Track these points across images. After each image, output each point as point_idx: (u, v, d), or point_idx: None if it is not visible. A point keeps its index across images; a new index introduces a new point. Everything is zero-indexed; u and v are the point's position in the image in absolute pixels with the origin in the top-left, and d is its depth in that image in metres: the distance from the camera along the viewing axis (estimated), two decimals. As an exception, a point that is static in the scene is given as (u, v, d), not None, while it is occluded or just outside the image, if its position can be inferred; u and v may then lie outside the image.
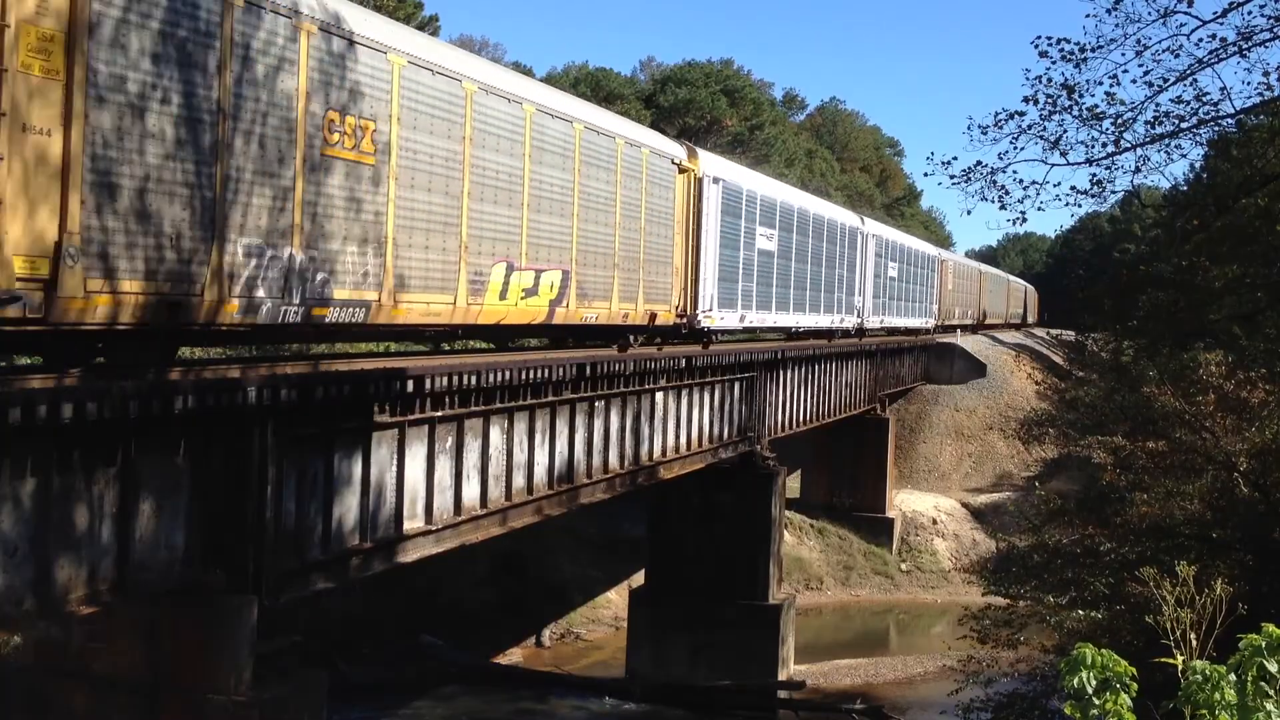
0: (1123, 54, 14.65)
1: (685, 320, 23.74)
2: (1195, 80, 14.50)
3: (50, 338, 10.53)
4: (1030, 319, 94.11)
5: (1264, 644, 4.47)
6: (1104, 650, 4.49)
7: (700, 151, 25.45)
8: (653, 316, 21.85)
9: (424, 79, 14.48)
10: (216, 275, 11.22)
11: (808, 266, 32.99)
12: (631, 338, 21.76)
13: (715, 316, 25.22)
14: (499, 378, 16.32)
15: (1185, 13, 13.99)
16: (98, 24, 9.76)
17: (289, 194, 12.10)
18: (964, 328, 64.15)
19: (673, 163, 23.11)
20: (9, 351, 12.75)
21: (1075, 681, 4.41)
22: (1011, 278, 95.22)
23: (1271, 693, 4.42)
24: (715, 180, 25.18)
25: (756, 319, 28.78)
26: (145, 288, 10.44)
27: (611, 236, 20.08)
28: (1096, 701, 4.37)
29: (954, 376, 54.81)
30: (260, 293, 11.82)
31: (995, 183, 15.53)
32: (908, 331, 50.07)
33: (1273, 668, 4.43)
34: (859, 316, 39.54)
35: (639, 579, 31.18)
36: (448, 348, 21.34)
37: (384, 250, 13.79)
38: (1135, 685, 4.42)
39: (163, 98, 10.46)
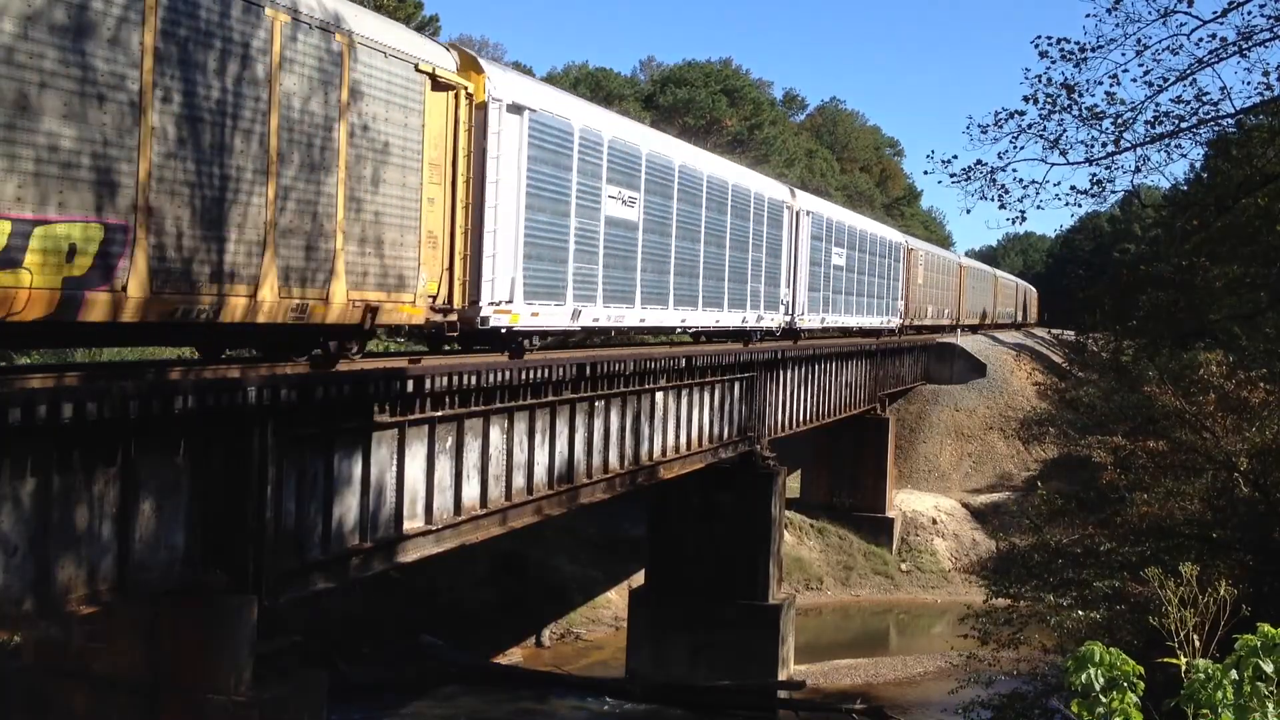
0: (1123, 54, 14.69)
1: (454, 317, 15.44)
2: (1195, 80, 14.52)
3: None
4: (1030, 319, 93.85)
5: (1260, 644, 4.46)
6: (1112, 649, 4.49)
7: (487, 64, 16.79)
8: (370, 311, 13.47)
9: None
10: None
11: (700, 247, 24.63)
12: (338, 345, 14.11)
13: (519, 312, 17.26)
14: (499, 377, 16.31)
15: (1185, 13, 14.00)
16: None
17: None
18: (939, 329, 57.18)
19: (418, 70, 14.35)
20: None
21: (1083, 678, 4.40)
22: (1001, 274, 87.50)
23: (1268, 693, 4.42)
24: (516, 109, 16.82)
25: (606, 316, 20.35)
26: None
27: (262, 171, 11.71)
28: (1104, 700, 4.36)
29: (954, 376, 54.80)
30: None
31: (995, 182, 15.55)
32: (862, 333, 42.37)
33: (1268, 668, 4.42)
34: (788, 313, 31.71)
35: (639, 579, 31.19)
36: (448, 348, 21.28)
37: None
38: (1142, 684, 4.42)
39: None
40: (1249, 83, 28.76)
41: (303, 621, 19.66)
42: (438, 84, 14.81)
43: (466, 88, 15.59)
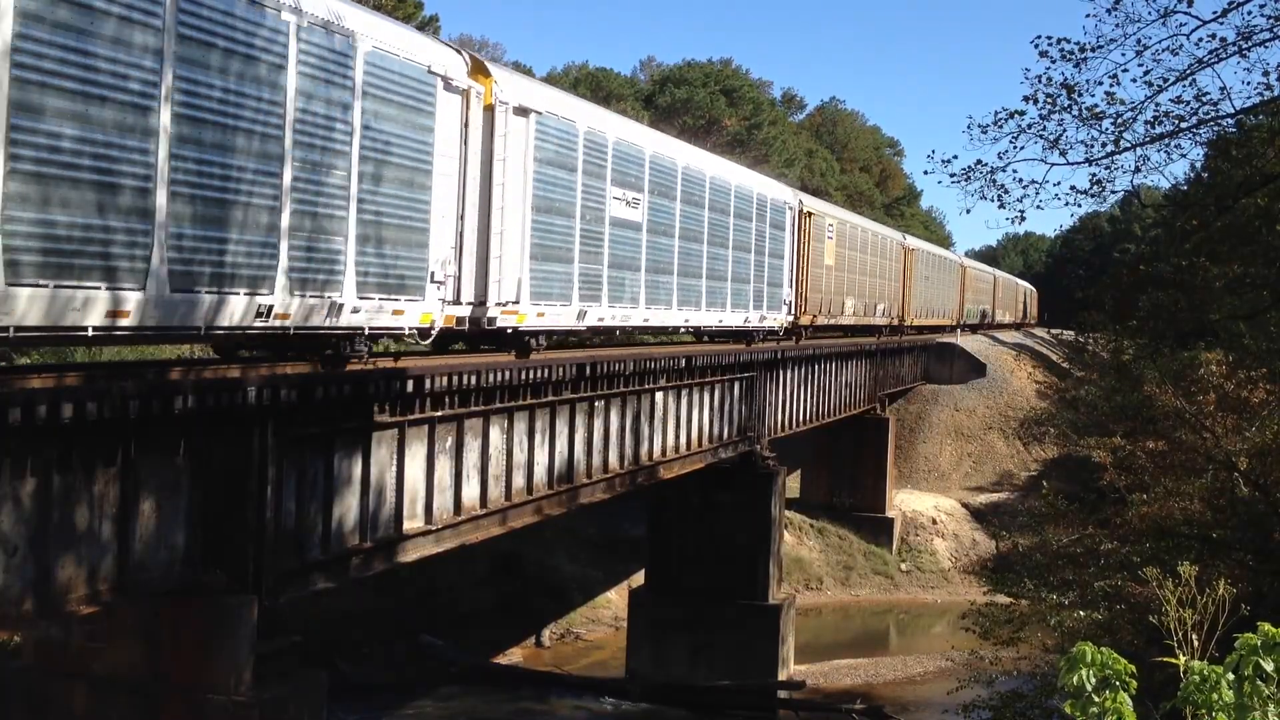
0: (1123, 54, 14.65)
1: None
2: (1195, 80, 14.49)
3: None
4: (1030, 318, 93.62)
5: (1260, 643, 4.47)
6: (1103, 649, 4.49)
7: None
8: None
9: None
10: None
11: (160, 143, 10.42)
12: None
13: None
14: (499, 378, 16.32)
15: (1185, 13, 13.98)
16: None
17: None
18: (869, 330, 42.89)
19: None
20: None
21: (1075, 679, 4.41)
22: (974, 264, 70.26)
23: (1269, 692, 4.42)
24: None
25: None
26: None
27: None
28: (1096, 699, 4.37)
29: (954, 376, 54.80)
30: None
31: (995, 182, 15.50)
32: (720, 334, 27.79)
33: (1269, 666, 4.42)
34: (464, 299, 15.82)
35: (639, 579, 31.19)
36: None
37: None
38: (1134, 683, 4.42)
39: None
40: (1249, 83, 28.72)
41: (303, 621, 19.67)
42: None
43: None
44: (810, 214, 33.84)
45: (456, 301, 15.61)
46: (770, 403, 29.39)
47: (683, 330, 25.89)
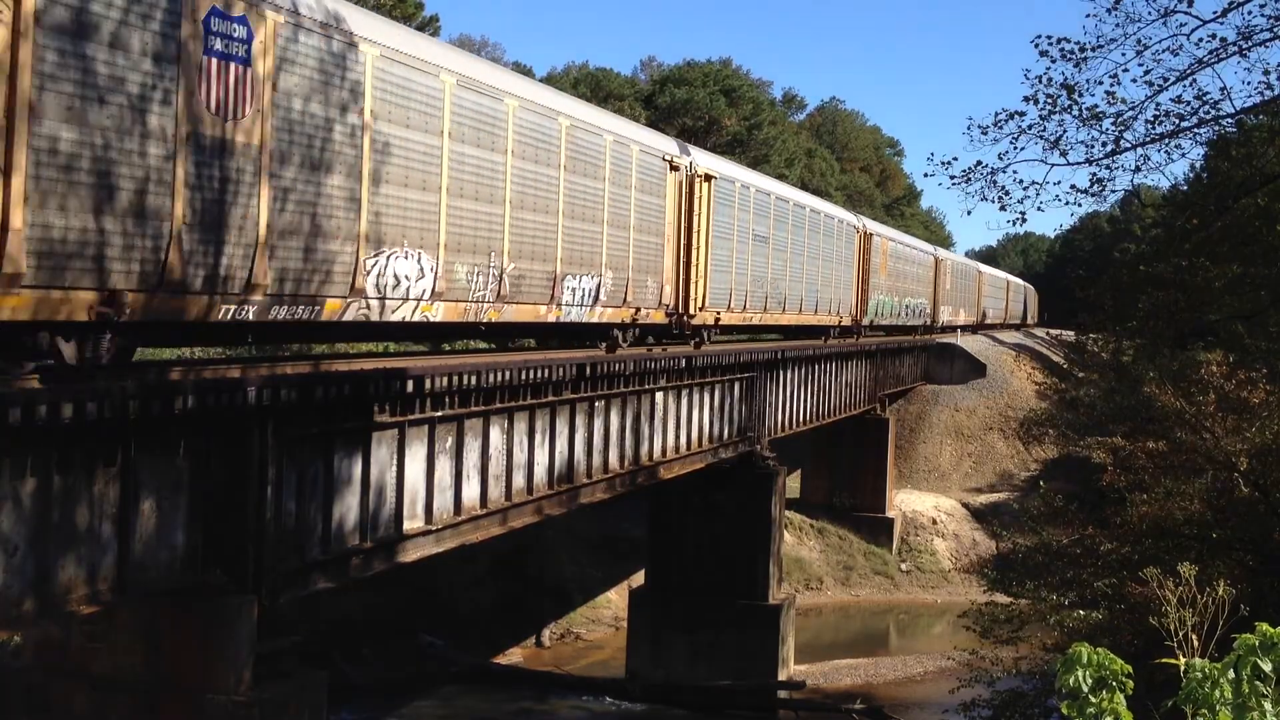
0: (1123, 54, 14.65)
1: None
2: (1195, 80, 14.50)
3: None
4: (1030, 319, 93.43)
5: (1258, 643, 4.47)
6: (1099, 649, 4.50)
7: None
8: None
9: None
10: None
11: None
12: None
13: None
14: (499, 378, 16.31)
15: (1185, 12, 13.99)
16: None
17: None
18: (547, 329, 19.15)
19: None
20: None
21: (1071, 680, 4.42)
22: (894, 234, 48.74)
23: (1267, 691, 4.42)
24: None
25: None
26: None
27: None
28: (1093, 700, 4.37)
29: (954, 376, 54.77)
30: None
31: (995, 183, 15.51)
32: None
33: (1267, 666, 4.42)
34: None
35: (639, 579, 31.19)
36: (447, 348, 21.32)
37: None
38: (1130, 683, 4.43)
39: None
40: (1249, 83, 28.76)
41: (303, 621, 19.67)
42: None
43: None
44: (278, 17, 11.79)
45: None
46: (770, 403, 29.39)
47: None
